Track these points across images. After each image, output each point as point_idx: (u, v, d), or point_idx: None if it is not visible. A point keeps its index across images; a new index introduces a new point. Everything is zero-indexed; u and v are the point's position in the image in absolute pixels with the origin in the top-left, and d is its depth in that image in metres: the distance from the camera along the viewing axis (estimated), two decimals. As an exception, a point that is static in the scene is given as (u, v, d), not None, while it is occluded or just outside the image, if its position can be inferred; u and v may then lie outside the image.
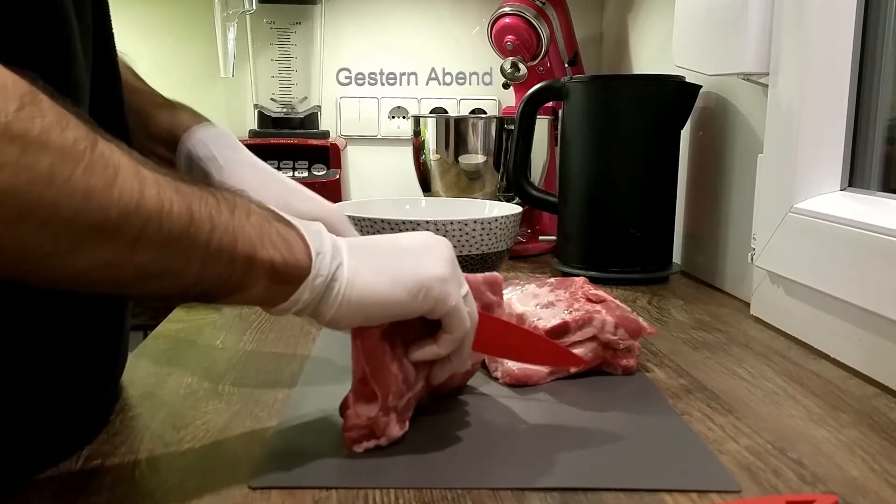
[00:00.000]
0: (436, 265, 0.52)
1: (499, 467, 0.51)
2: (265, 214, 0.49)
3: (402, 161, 1.50)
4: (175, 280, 0.44)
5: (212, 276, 0.45)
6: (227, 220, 0.45)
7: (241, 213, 0.46)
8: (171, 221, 0.42)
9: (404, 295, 0.50)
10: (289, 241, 0.48)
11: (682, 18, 1.02)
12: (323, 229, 0.52)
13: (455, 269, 0.54)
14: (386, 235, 0.56)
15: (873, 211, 0.72)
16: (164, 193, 0.42)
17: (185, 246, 0.43)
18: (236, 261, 0.45)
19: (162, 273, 0.43)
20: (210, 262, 0.44)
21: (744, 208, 0.96)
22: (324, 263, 0.49)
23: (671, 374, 0.69)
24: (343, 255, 0.50)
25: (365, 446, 0.52)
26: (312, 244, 0.49)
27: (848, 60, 0.78)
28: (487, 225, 0.88)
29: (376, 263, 0.51)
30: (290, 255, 0.48)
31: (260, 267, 0.47)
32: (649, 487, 0.48)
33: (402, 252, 0.53)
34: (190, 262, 0.44)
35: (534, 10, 1.30)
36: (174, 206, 0.42)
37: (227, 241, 0.45)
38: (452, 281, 0.52)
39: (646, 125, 1.03)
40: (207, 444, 0.54)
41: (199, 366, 0.70)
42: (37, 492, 0.47)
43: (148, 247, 0.41)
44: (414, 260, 0.52)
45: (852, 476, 0.50)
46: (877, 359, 0.69)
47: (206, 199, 0.45)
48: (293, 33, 1.48)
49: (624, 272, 1.04)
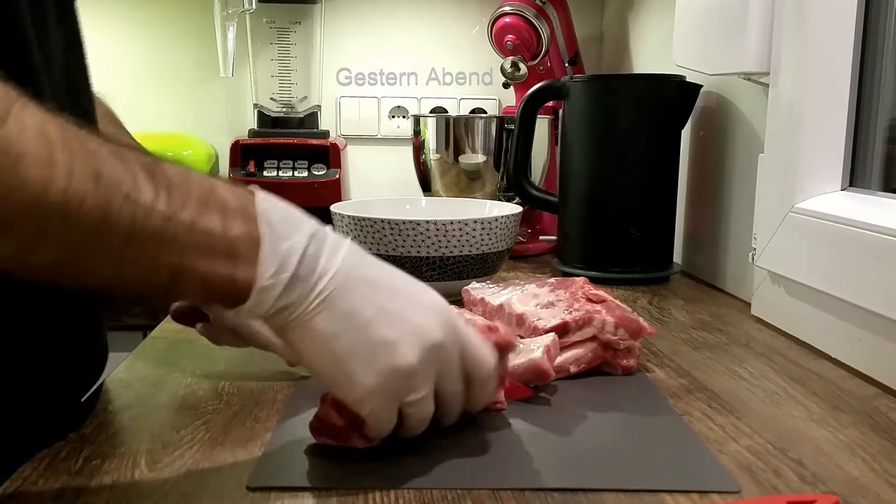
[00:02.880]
0: (377, 378, 0.46)
1: (499, 467, 0.51)
2: (231, 210, 0.43)
3: (402, 161, 1.50)
4: (86, 279, 0.41)
5: (131, 280, 0.42)
6: (155, 226, 0.40)
7: (185, 215, 0.41)
8: (79, 219, 0.38)
9: (330, 378, 0.47)
10: (237, 258, 0.43)
11: (682, 18, 1.02)
12: (307, 241, 0.45)
13: (405, 383, 0.47)
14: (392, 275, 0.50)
15: (874, 211, 0.72)
16: (76, 187, 0.38)
17: (94, 246, 0.39)
18: (158, 270, 0.41)
19: (72, 272, 0.40)
20: (126, 268, 0.41)
21: (744, 208, 0.96)
22: (268, 296, 0.44)
23: (671, 375, 0.69)
24: (305, 295, 0.45)
25: (322, 440, 0.52)
26: (263, 272, 0.43)
27: (849, 60, 0.78)
28: (487, 225, 0.88)
29: (335, 329, 0.46)
30: (228, 274, 0.43)
31: (189, 280, 0.42)
32: (649, 488, 0.48)
33: (372, 332, 0.46)
34: (102, 263, 0.40)
35: (534, 10, 1.30)
36: (85, 203, 0.38)
37: (149, 249, 0.41)
38: (383, 397, 0.47)
39: (646, 125, 1.03)
40: (207, 444, 0.53)
41: (199, 366, 0.70)
42: (37, 492, 0.47)
43: (51, 244, 0.38)
44: (370, 353, 0.46)
45: (853, 476, 0.50)
46: (877, 359, 0.68)
47: (138, 195, 0.40)
48: (293, 33, 1.48)
49: (624, 272, 1.04)
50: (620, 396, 0.64)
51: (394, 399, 0.48)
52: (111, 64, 1.53)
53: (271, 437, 0.55)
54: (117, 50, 1.55)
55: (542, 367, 0.60)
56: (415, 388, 0.48)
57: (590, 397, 0.63)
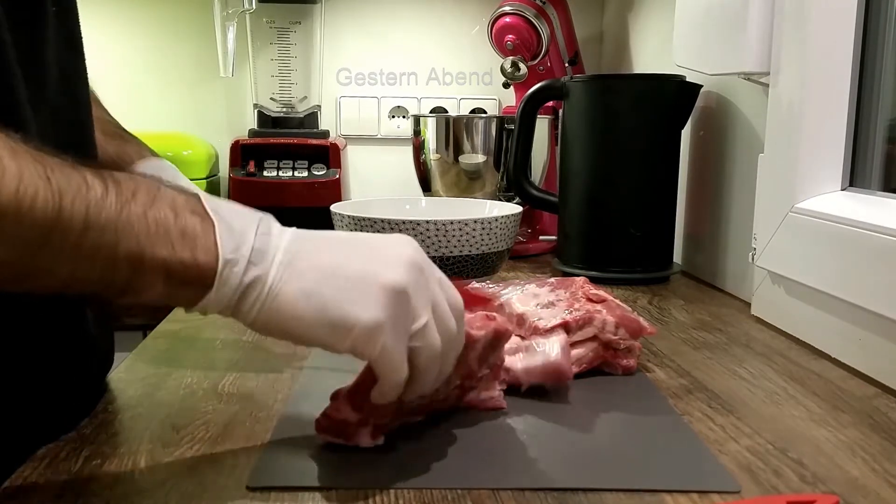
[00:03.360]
0: (377, 305, 0.45)
1: (499, 467, 0.51)
2: (180, 204, 0.44)
3: (402, 161, 1.50)
4: (45, 279, 0.41)
5: (90, 276, 0.41)
6: (109, 216, 0.41)
7: (136, 207, 0.42)
8: (33, 218, 0.38)
9: (325, 329, 0.45)
10: (195, 239, 0.43)
11: (682, 18, 1.02)
12: (256, 224, 0.45)
13: (406, 305, 0.46)
14: (348, 235, 0.50)
15: (874, 211, 0.72)
16: (27, 187, 0.38)
17: (51, 244, 0.39)
18: (118, 262, 0.41)
19: (30, 272, 0.40)
20: (84, 262, 0.41)
21: (744, 208, 0.96)
22: (233, 271, 0.43)
23: (672, 374, 0.69)
24: (272, 261, 0.45)
25: (328, 439, 0.52)
26: (224, 247, 0.43)
27: (849, 60, 0.78)
28: (488, 225, 0.88)
29: (310, 281, 0.45)
30: (190, 258, 0.43)
31: (150, 269, 0.42)
32: (649, 488, 0.48)
33: (348, 270, 0.45)
34: (59, 260, 0.40)
35: (534, 10, 1.30)
36: (37, 201, 0.38)
37: (106, 241, 0.41)
38: (391, 325, 0.45)
39: (646, 125, 1.03)
40: (207, 444, 0.53)
41: (199, 366, 0.70)
42: (37, 492, 0.47)
43: (5, 246, 0.38)
44: (356, 287, 0.45)
45: (853, 476, 0.50)
46: (877, 359, 0.68)
47: (89, 191, 0.40)
48: (293, 33, 1.48)
49: (624, 272, 1.04)
50: (620, 396, 0.64)
51: (399, 328, 0.46)
52: (111, 64, 1.53)
53: (271, 437, 0.55)
54: (117, 50, 1.55)
55: (562, 368, 0.60)
56: (415, 314, 0.46)
57: (590, 397, 0.63)
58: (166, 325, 0.83)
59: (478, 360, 0.57)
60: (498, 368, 0.59)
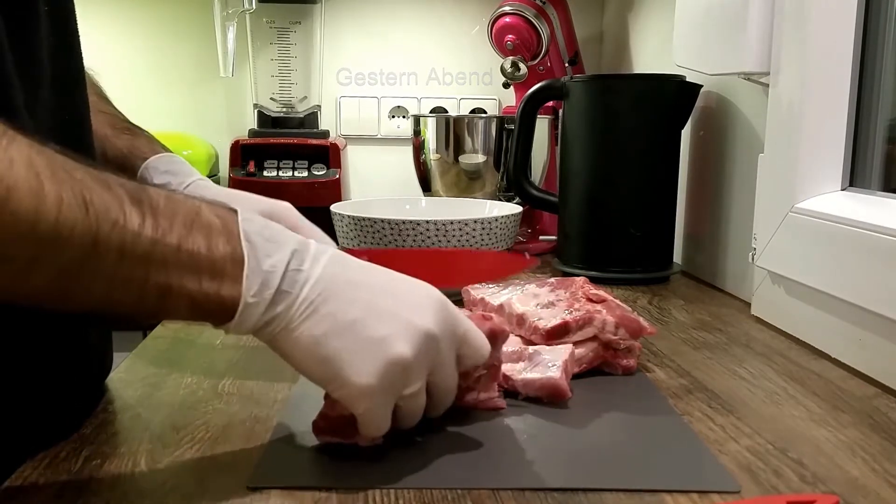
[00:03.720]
0: (372, 373, 0.46)
1: (499, 467, 0.51)
2: (215, 232, 0.45)
3: (402, 161, 1.50)
4: (79, 302, 0.43)
5: (122, 301, 0.43)
6: (144, 248, 0.42)
7: (171, 238, 0.43)
8: (71, 246, 0.40)
9: (321, 378, 0.48)
10: (223, 274, 0.44)
11: (682, 18, 1.02)
12: (288, 259, 0.46)
13: (401, 377, 0.47)
14: (378, 277, 0.50)
15: (874, 211, 0.72)
16: (66, 214, 0.39)
17: (86, 272, 0.41)
18: (147, 291, 0.43)
19: (65, 297, 0.42)
20: (117, 290, 0.42)
21: (744, 208, 0.96)
22: (254, 313, 0.45)
23: (672, 375, 0.69)
24: (294, 300, 0.46)
25: (326, 439, 0.53)
26: (248, 289, 0.45)
27: (849, 60, 0.78)
28: (488, 225, 0.88)
29: (322, 330, 0.46)
30: (215, 293, 0.44)
31: (177, 298, 0.44)
32: (649, 488, 0.48)
33: (361, 331, 0.47)
34: (92, 286, 0.42)
35: (534, 10, 1.30)
36: (75, 231, 0.39)
37: (138, 272, 0.42)
38: (380, 393, 0.47)
39: (646, 125, 1.03)
40: (207, 444, 0.53)
41: (199, 366, 0.70)
42: (37, 492, 0.47)
43: (44, 271, 0.40)
44: (362, 350, 0.46)
45: (853, 476, 0.50)
46: (877, 359, 0.68)
47: (126, 222, 0.41)
48: (293, 32, 1.48)
49: (624, 272, 1.04)
50: (620, 396, 0.64)
51: (391, 394, 0.48)
52: (111, 64, 1.53)
53: (271, 437, 0.55)
54: (117, 50, 1.55)
55: (560, 387, 0.60)
56: (410, 382, 0.48)
57: (590, 397, 0.63)
58: (167, 325, 0.83)
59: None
60: (496, 369, 0.59)
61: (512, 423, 0.58)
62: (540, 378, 0.60)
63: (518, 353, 0.64)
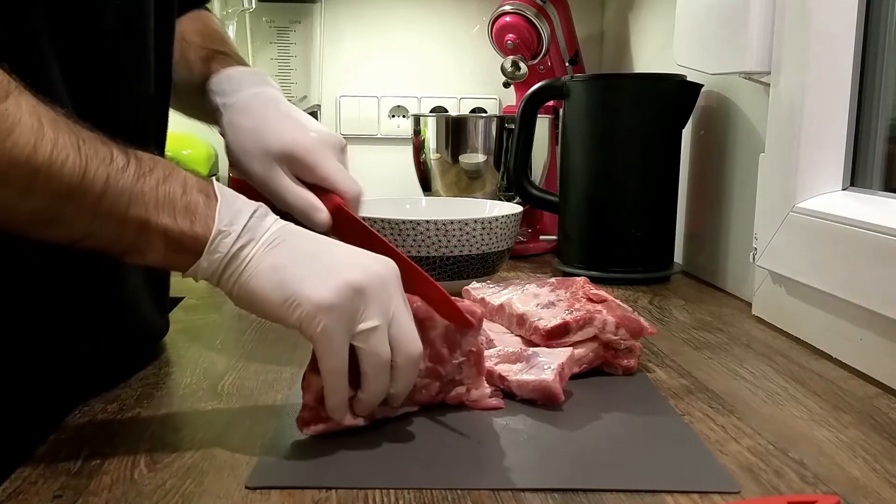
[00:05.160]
0: (328, 290, 0.49)
1: (499, 468, 0.51)
2: (191, 184, 0.51)
3: (402, 160, 1.49)
4: (66, 230, 0.48)
5: (102, 233, 0.48)
6: (126, 183, 0.48)
7: (150, 180, 0.49)
8: (62, 176, 0.46)
9: (278, 301, 0.49)
10: (196, 213, 0.50)
11: (683, 17, 1.02)
12: (255, 208, 0.51)
13: (356, 302, 0.50)
14: (336, 243, 0.54)
15: (875, 210, 0.72)
16: (60, 150, 0.46)
17: (74, 200, 0.46)
18: (127, 224, 0.48)
19: (52, 221, 0.47)
20: (99, 220, 0.47)
21: (745, 208, 0.96)
22: (224, 242, 0.50)
23: (672, 375, 0.69)
24: (255, 241, 0.50)
25: (314, 430, 0.53)
26: (220, 221, 0.50)
27: (850, 59, 0.78)
28: (488, 224, 0.88)
29: (282, 260, 0.50)
30: (189, 228, 0.49)
31: (153, 233, 0.49)
32: (650, 488, 0.48)
33: (318, 260, 0.51)
34: (79, 215, 0.47)
35: (534, 9, 1.30)
36: (67, 162, 0.46)
37: (120, 203, 0.48)
38: (336, 312, 0.49)
39: (647, 124, 1.03)
40: (207, 444, 0.53)
41: (199, 366, 0.70)
42: (37, 492, 0.47)
43: (37, 196, 0.46)
44: (318, 273, 0.50)
45: (854, 476, 0.50)
46: (878, 359, 0.68)
47: (112, 162, 0.48)
48: (293, 32, 1.48)
49: (625, 272, 1.04)
50: (621, 396, 0.64)
51: (344, 318, 0.49)
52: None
53: (271, 437, 0.55)
54: (117, 49, 1.55)
55: (552, 390, 0.60)
56: (367, 315, 0.50)
57: (590, 397, 0.63)
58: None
59: (443, 341, 0.57)
60: (478, 357, 0.59)
61: (512, 423, 0.58)
62: (534, 380, 0.60)
63: (517, 354, 0.64)
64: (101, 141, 0.48)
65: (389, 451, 0.52)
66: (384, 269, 0.52)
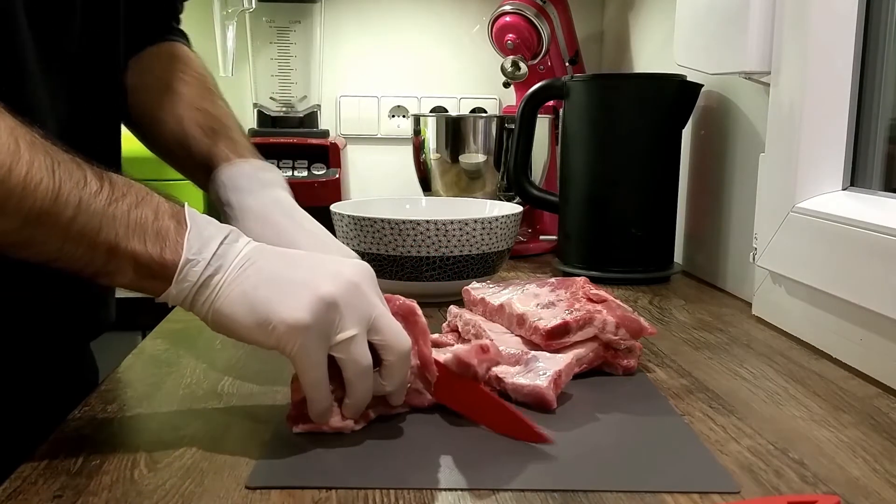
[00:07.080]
0: (301, 309, 0.49)
1: (499, 468, 0.51)
2: (163, 210, 0.51)
3: (402, 160, 1.49)
4: (37, 251, 0.48)
5: (73, 255, 0.49)
6: (98, 207, 0.48)
7: (122, 204, 0.49)
8: (35, 199, 0.46)
9: (252, 325, 0.50)
10: (167, 239, 0.50)
11: (683, 17, 1.02)
12: (225, 234, 0.51)
13: (331, 315, 0.50)
14: (306, 253, 0.55)
15: (875, 210, 0.72)
16: (35, 173, 0.46)
17: (45, 223, 0.47)
18: (97, 247, 0.48)
19: (24, 242, 0.48)
20: (70, 243, 0.48)
21: (745, 208, 0.96)
22: (193, 271, 0.50)
23: (672, 375, 0.69)
24: (225, 268, 0.50)
25: (302, 428, 0.53)
26: (189, 249, 0.50)
27: (850, 59, 0.78)
28: (488, 224, 0.88)
29: (252, 283, 0.50)
30: (157, 254, 0.50)
31: (122, 258, 0.49)
32: (650, 488, 0.48)
33: (288, 277, 0.51)
34: (50, 237, 0.48)
35: (534, 9, 1.30)
36: (41, 185, 0.46)
37: (91, 227, 0.48)
38: (312, 330, 0.49)
39: (647, 124, 1.03)
40: (207, 444, 0.53)
41: (199, 366, 0.70)
42: (37, 492, 0.47)
43: (8, 217, 0.46)
44: (290, 292, 0.50)
45: (854, 476, 0.50)
46: (878, 359, 0.68)
47: (85, 185, 0.48)
48: (293, 32, 1.48)
49: (625, 272, 1.04)
50: (621, 396, 0.64)
51: (322, 334, 0.50)
52: (111, 63, 1.53)
53: (271, 437, 0.55)
54: (117, 49, 1.55)
55: (544, 396, 0.60)
56: (342, 325, 0.50)
57: (590, 397, 0.63)
58: (166, 324, 0.83)
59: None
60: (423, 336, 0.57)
61: (512, 423, 0.58)
62: (528, 385, 0.60)
63: (517, 357, 0.64)
64: (76, 164, 0.49)
65: (389, 451, 0.52)
66: (356, 274, 0.52)
